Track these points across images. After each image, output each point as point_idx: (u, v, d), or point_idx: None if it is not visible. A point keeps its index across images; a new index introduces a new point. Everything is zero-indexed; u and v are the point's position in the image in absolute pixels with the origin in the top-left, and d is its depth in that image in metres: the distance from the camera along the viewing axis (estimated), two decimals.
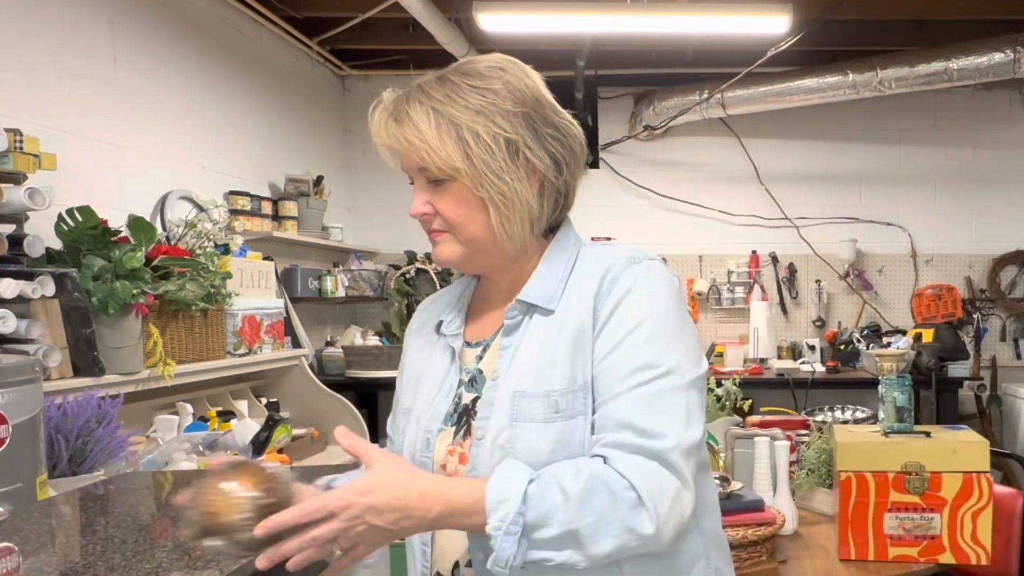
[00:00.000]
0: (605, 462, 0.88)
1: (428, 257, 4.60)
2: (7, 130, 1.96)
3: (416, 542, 1.03)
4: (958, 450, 1.84)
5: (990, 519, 1.83)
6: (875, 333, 4.52)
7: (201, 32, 3.24)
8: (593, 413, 0.93)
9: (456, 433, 1.01)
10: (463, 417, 1.01)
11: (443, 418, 1.02)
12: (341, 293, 4.06)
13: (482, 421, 0.97)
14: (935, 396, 3.96)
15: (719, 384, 2.57)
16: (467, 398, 1.02)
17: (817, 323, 4.71)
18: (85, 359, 2.01)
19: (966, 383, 4.37)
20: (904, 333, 4.41)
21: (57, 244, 2.12)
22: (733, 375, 2.95)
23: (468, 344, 1.06)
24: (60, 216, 2.09)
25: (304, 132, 4.17)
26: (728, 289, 4.72)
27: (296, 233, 3.73)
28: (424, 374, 1.07)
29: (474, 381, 1.03)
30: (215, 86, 3.34)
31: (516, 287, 1.03)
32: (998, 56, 3.82)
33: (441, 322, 1.08)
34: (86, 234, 2.08)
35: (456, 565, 1.00)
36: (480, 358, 1.04)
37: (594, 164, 4.71)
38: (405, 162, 1.01)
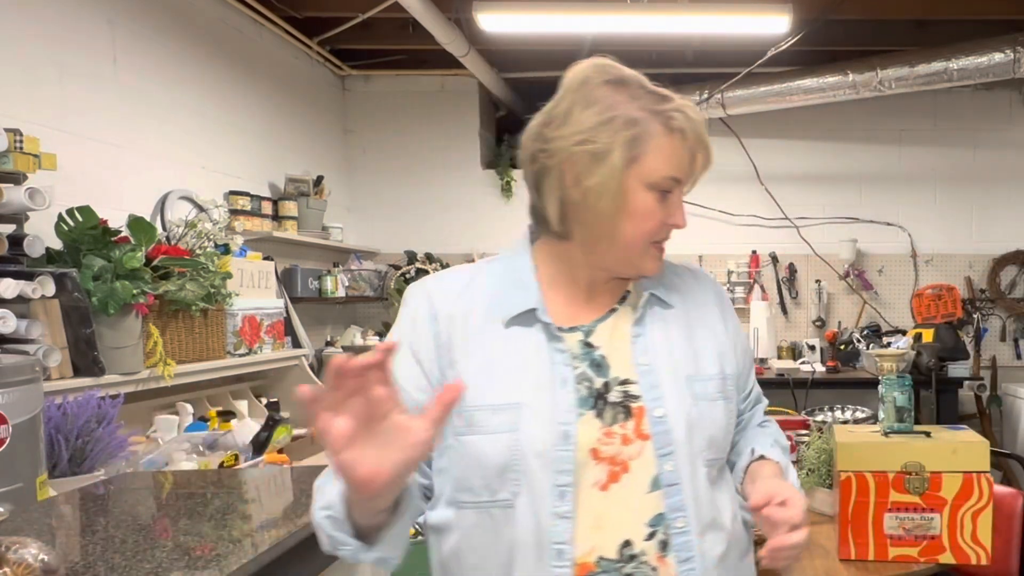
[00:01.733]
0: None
1: (428, 257, 4.61)
2: (7, 130, 1.96)
3: (546, 542, 0.96)
4: (958, 450, 1.84)
5: (990, 519, 1.83)
6: (875, 333, 4.52)
7: (201, 32, 3.24)
8: (740, 400, 1.16)
9: (599, 416, 1.00)
10: (599, 401, 1.01)
11: (578, 405, 1.00)
12: (341, 293, 4.06)
13: (654, 403, 1.02)
14: (935, 396, 3.96)
15: None
16: (598, 382, 1.02)
17: (817, 323, 4.71)
18: (85, 359, 2.01)
19: (966, 383, 4.37)
20: (904, 333, 4.41)
21: (57, 244, 2.12)
22: None
23: (561, 329, 1.04)
24: (60, 216, 2.09)
25: (304, 132, 4.17)
26: (728, 289, 4.73)
27: (296, 233, 3.73)
28: (516, 364, 1.01)
29: (599, 365, 1.03)
30: (215, 86, 3.34)
31: (615, 282, 1.10)
32: (998, 56, 3.82)
33: (534, 310, 1.03)
34: (86, 234, 2.08)
35: (626, 543, 0.98)
36: (587, 344, 1.04)
37: None
38: (687, 176, 1.04)
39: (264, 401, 2.99)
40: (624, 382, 1.02)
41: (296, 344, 3.39)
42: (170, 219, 2.76)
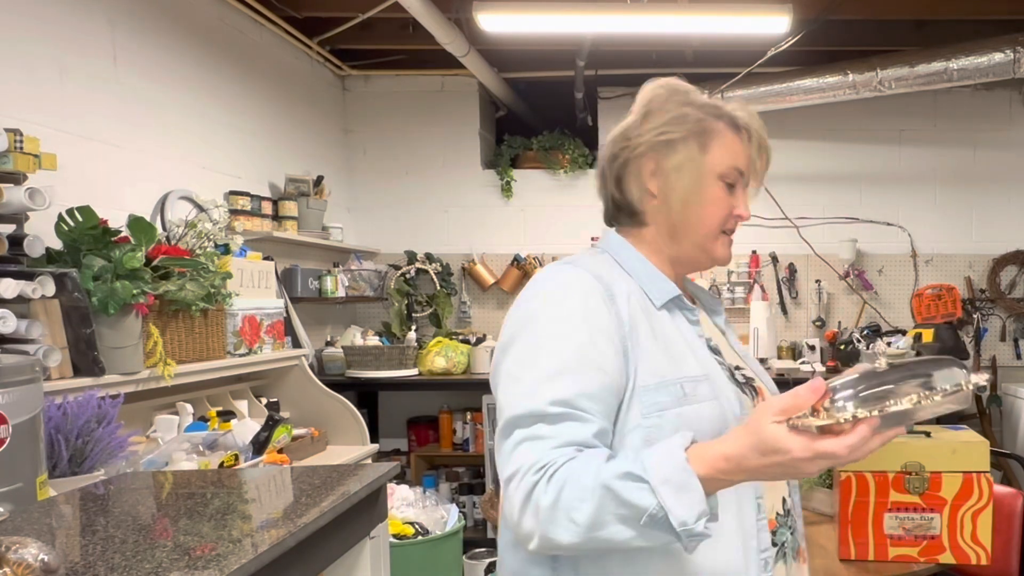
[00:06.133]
0: None
1: (428, 257, 4.61)
2: (7, 130, 1.96)
3: (749, 497, 1.06)
4: (958, 450, 1.85)
5: (990, 519, 1.83)
6: (875, 333, 4.52)
7: (201, 32, 3.24)
8: None
9: (743, 392, 1.12)
10: (733, 379, 1.13)
11: (729, 380, 1.11)
12: (341, 293, 4.06)
13: (765, 384, 1.19)
14: None
15: None
16: (725, 365, 1.14)
17: (817, 323, 4.71)
18: (85, 359, 2.01)
19: None
20: (904, 333, 4.41)
21: (57, 244, 2.12)
22: None
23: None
24: (60, 216, 2.09)
25: (304, 132, 4.16)
26: (728, 289, 4.72)
27: (296, 233, 3.73)
28: (683, 343, 1.09)
29: (717, 352, 1.15)
30: (215, 86, 3.34)
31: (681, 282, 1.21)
32: (998, 56, 3.82)
33: (679, 297, 1.13)
34: (86, 234, 2.08)
35: (784, 500, 1.14)
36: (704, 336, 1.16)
37: (594, 164, 4.71)
38: (750, 169, 1.15)
39: (264, 401, 2.99)
40: (737, 367, 1.16)
41: (296, 344, 3.39)
42: (170, 219, 2.76)
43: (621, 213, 1.17)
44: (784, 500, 1.14)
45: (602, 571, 1.00)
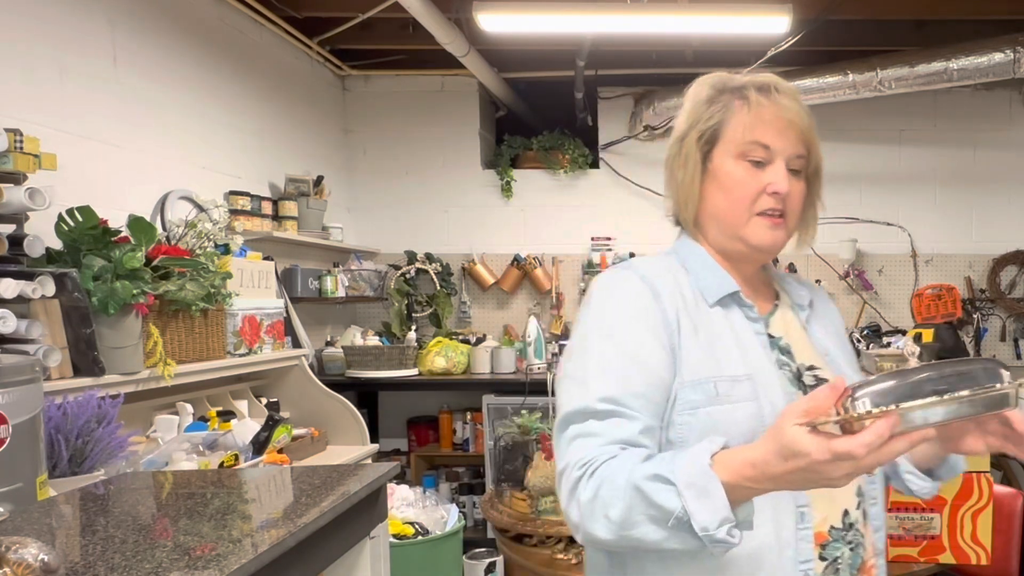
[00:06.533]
0: None
1: (428, 257, 4.61)
2: (7, 130, 1.96)
3: (789, 506, 1.02)
4: None
5: (990, 519, 1.83)
6: (875, 333, 4.52)
7: (201, 32, 3.24)
8: None
9: (805, 395, 1.06)
10: (799, 382, 1.10)
11: (791, 383, 1.08)
12: (341, 293, 4.06)
13: None
14: None
15: None
16: (793, 366, 1.11)
17: None
18: (85, 359, 2.01)
19: None
20: (904, 333, 4.40)
21: (57, 244, 2.12)
22: None
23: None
24: (60, 216, 2.09)
25: (304, 132, 4.16)
26: None
27: (296, 233, 3.73)
28: (732, 341, 1.07)
29: (786, 352, 1.12)
30: (215, 86, 3.33)
31: (761, 276, 1.19)
32: (998, 56, 3.82)
33: (737, 292, 1.11)
34: (86, 234, 2.08)
35: (846, 512, 1.07)
36: (769, 335, 1.12)
37: (594, 164, 4.71)
38: (790, 143, 1.09)
39: (264, 401, 2.99)
40: (811, 367, 1.11)
41: (296, 344, 3.39)
42: (170, 219, 2.76)
43: (680, 220, 1.18)
44: (847, 513, 1.07)
45: (639, 565, 1.04)
